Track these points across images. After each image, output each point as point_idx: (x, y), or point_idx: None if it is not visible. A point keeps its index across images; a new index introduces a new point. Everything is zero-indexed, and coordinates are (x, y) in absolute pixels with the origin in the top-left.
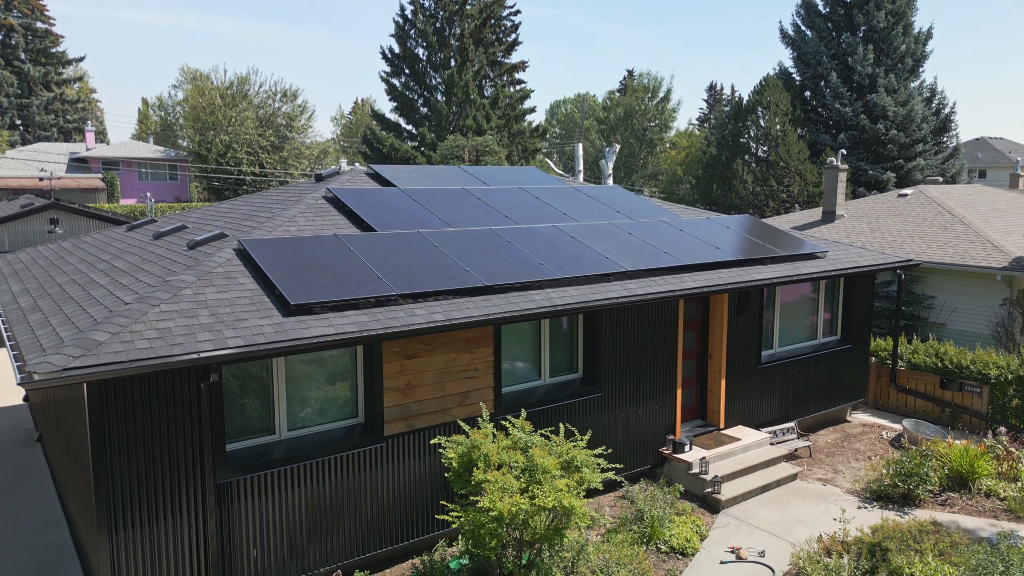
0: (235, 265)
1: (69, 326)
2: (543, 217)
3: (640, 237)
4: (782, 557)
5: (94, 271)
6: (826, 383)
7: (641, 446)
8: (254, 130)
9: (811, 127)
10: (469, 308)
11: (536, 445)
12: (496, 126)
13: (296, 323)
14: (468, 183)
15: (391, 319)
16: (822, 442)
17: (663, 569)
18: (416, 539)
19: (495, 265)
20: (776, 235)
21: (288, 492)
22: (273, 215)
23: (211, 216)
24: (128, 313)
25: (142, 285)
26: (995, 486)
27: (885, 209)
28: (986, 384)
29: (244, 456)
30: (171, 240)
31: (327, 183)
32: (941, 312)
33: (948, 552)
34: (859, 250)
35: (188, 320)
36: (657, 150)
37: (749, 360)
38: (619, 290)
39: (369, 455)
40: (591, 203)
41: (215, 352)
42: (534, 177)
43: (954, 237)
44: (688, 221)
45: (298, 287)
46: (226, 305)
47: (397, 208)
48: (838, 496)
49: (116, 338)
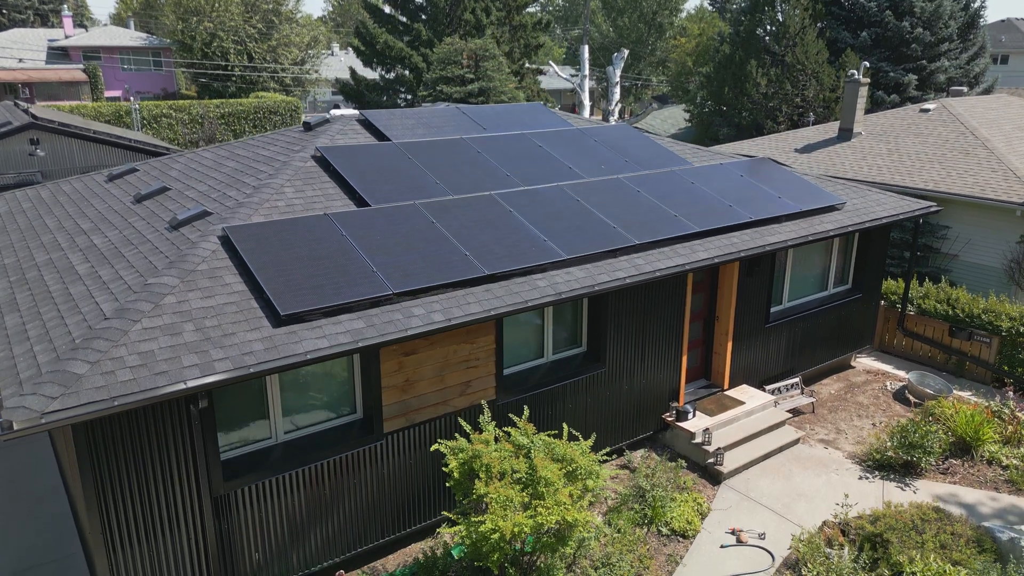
0: (220, 259)
1: (46, 344)
2: (547, 174)
3: (649, 195)
4: (782, 539)
5: (73, 249)
6: (834, 333)
7: (644, 412)
8: (239, 16)
9: (831, 23)
10: (469, 302)
11: (539, 450)
12: (497, 19)
13: (287, 335)
14: (467, 129)
15: (387, 323)
16: (825, 393)
17: (664, 554)
18: (418, 525)
19: (496, 246)
20: (793, 184)
21: (287, 496)
22: (259, 184)
23: (194, 172)
24: (108, 334)
25: (122, 287)
26: (998, 452)
27: (905, 127)
28: (997, 335)
29: (240, 465)
30: (152, 209)
31: (316, 137)
32: (955, 243)
33: (950, 545)
34: (878, 196)
35: (172, 339)
36: (667, 35)
37: (757, 320)
38: (626, 268)
39: (368, 452)
40: (598, 150)
41: (202, 380)
42: (537, 118)
43: (975, 164)
44: (700, 171)
45: (288, 291)
46: (212, 316)
47: (392, 171)
48: (839, 463)
49: (96, 368)
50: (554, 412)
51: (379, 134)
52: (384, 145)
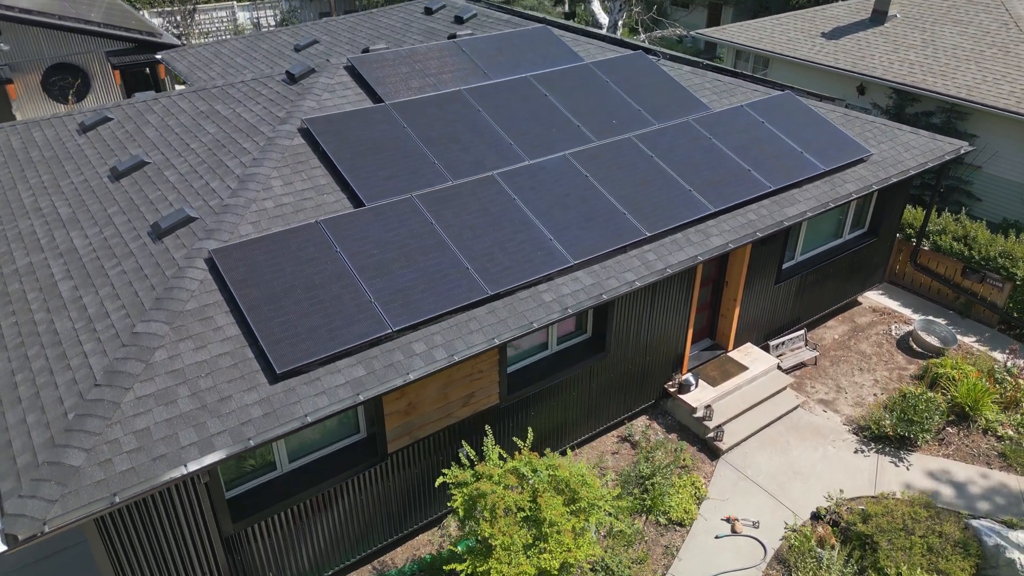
0: (209, 292)
1: (38, 414)
2: (553, 137)
3: (662, 161)
4: (775, 527)
5: (53, 252)
6: (845, 276)
7: (647, 383)
8: None
9: None
10: (472, 330)
11: (542, 481)
12: None
13: (284, 394)
14: (465, 75)
15: (388, 367)
16: (829, 339)
17: (661, 545)
18: (423, 521)
19: (499, 251)
20: (817, 131)
21: (296, 522)
22: (244, 175)
23: (172, 136)
24: (101, 408)
25: (109, 331)
26: (995, 421)
27: (944, 11)
28: (1011, 281)
29: (247, 501)
30: (131, 195)
31: (302, 96)
32: (980, 154)
33: (937, 548)
34: (907, 139)
35: (167, 410)
36: None
37: (767, 280)
38: (636, 267)
39: (374, 472)
40: (608, 96)
41: (201, 462)
42: (543, 51)
43: (1014, 66)
44: (719, 118)
45: (283, 338)
46: (206, 373)
47: (385, 148)
48: (837, 433)
49: (93, 457)
50: (558, 402)
51: (370, 90)
52: (376, 110)
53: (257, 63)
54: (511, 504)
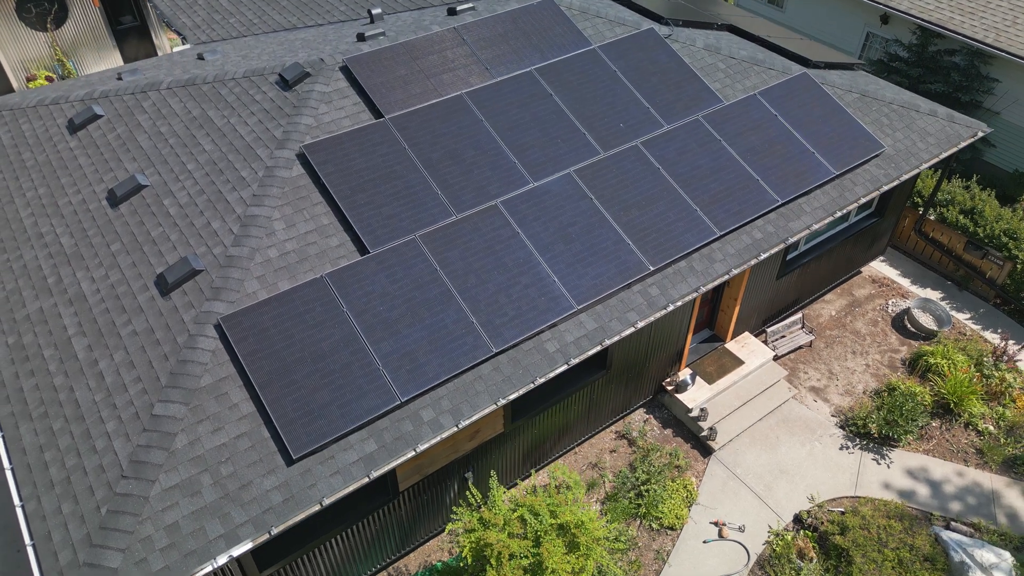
0: (221, 364)
1: (72, 503)
2: (557, 149)
3: (669, 173)
4: (760, 531)
5: (63, 299)
6: (847, 257)
7: (646, 382)
8: None
9: None
10: (478, 391)
11: (544, 527)
12: None
13: (301, 476)
14: (467, 75)
15: (397, 439)
16: (825, 316)
17: (652, 550)
18: (432, 534)
19: (503, 298)
20: (831, 124)
21: (313, 562)
22: (245, 216)
23: (165, 149)
24: (130, 505)
25: (129, 409)
26: (977, 415)
27: None
28: (1011, 261)
29: (269, 550)
30: (133, 229)
31: (297, 109)
32: (1000, 100)
33: (907, 561)
34: (924, 124)
35: (192, 502)
36: None
37: (769, 276)
38: (639, 305)
39: (386, 509)
40: (615, 89)
41: (229, 554)
42: (548, 32)
43: None
44: (729, 114)
45: (297, 418)
46: (226, 458)
47: (387, 179)
48: (825, 427)
49: (129, 557)
50: (559, 416)
51: (368, 100)
52: (375, 128)
53: (244, 10)
54: (516, 550)
